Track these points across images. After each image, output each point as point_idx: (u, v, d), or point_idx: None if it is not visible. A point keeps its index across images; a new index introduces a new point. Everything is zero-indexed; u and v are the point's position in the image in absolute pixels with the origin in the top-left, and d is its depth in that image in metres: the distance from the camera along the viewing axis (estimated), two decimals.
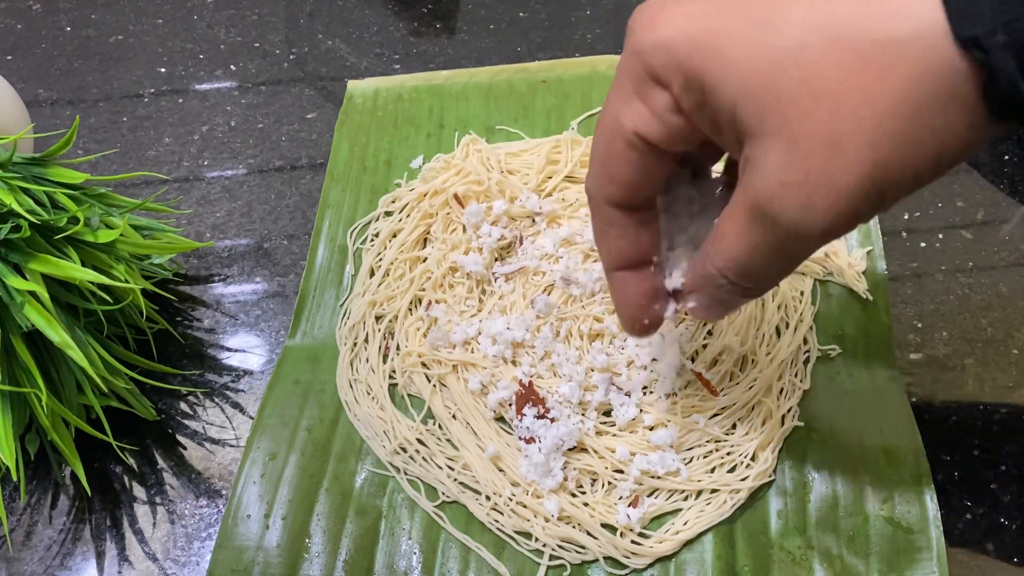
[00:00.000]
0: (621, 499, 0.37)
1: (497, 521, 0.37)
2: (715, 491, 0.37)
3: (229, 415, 0.42)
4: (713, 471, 0.38)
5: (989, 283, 0.44)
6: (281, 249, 0.48)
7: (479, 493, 0.38)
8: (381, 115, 0.53)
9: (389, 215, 0.48)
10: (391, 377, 0.42)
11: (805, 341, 0.41)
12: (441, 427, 0.40)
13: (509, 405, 0.39)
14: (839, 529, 0.36)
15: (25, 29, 0.61)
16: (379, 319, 0.44)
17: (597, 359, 0.40)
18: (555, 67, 0.54)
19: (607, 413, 0.40)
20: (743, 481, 0.37)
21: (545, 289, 0.43)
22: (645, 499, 0.37)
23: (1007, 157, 0.49)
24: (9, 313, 0.35)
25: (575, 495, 0.38)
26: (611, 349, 0.41)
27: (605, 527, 0.36)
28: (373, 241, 0.47)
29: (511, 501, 0.37)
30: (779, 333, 0.41)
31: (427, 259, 0.45)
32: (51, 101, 0.56)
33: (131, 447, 0.41)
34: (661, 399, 0.39)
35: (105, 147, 0.53)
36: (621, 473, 0.38)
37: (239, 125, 0.54)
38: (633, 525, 0.36)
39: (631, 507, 0.37)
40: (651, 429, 0.39)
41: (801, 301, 0.42)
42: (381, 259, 0.45)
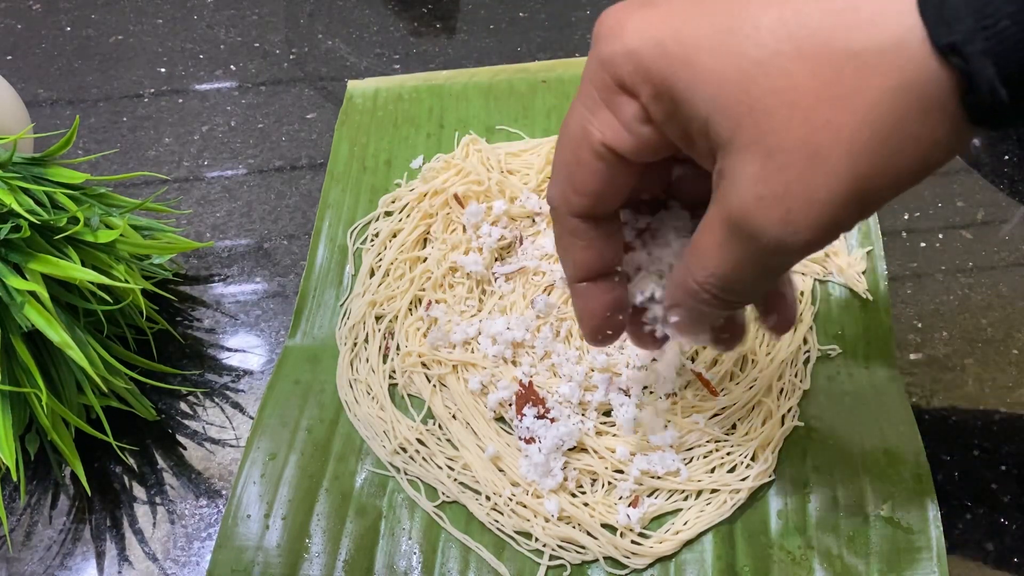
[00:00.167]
0: (621, 499, 0.37)
1: (497, 521, 0.37)
2: (715, 491, 0.37)
3: (229, 415, 0.42)
4: (713, 471, 0.38)
5: (989, 283, 0.44)
6: (281, 249, 0.48)
7: (479, 493, 0.38)
8: (381, 115, 0.53)
9: (389, 215, 0.48)
10: (391, 377, 0.42)
11: (805, 341, 0.41)
12: (441, 427, 0.40)
13: (509, 405, 0.39)
14: (839, 529, 0.36)
15: (25, 29, 0.61)
16: (379, 319, 0.44)
17: (597, 359, 0.40)
18: (555, 67, 0.54)
19: (607, 413, 0.40)
20: (743, 481, 0.37)
21: (545, 289, 0.43)
22: (645, 499, 0.37)
23: (1007, 157, 0.49)
24: (9, 313, 0.35)
25: (575, 495, 0.38)
26: (611, 349, 0.41)
27: (605, 527, 0.36)
28: (373, 241, 0.47)
29: (511, 501, 0.37)
30: None
31: (427, 259, 0.45)
32: (51, 101, 0.56)
33: (131, 447, 0.41)
34: (661, 399, 0.39)
35: (105, 147, 0.53)
36: (621, 473, 0.38)
37: (239, 125, 0.54)
38: (633, 525, 0.36)
39: (631, 507, 0.37)
40: (651, 429, 0.38)
41: (801, 301, 0.42)
42: (381, 259, 0.45)
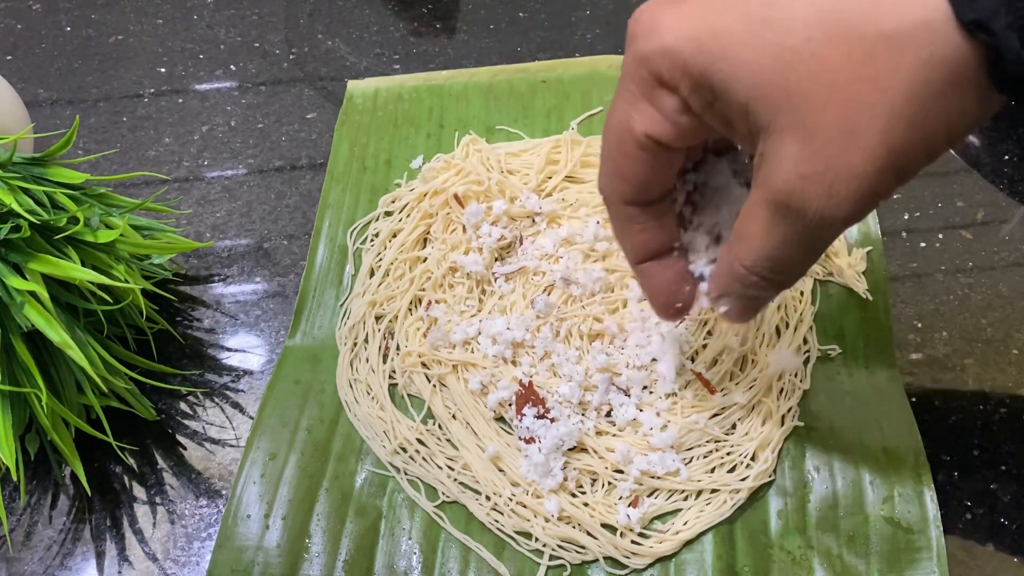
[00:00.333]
0: (621, 499, 0.37)
1: (497, 521, 0.37)
2: (715, 491, 0.37)
3: (229, 415, 0.42)
4: (713, 471, 0.38)
5: (989, 283, 0.44)
6: (281, 249, 0.48)
7: (479, 493, 0.38)
8: (381, 115, 0.53)
9: (389, 215, 0.48)
10: (391, 377, 0.42)
11: (805, 341, 0.41)
12: (441, 427, 0.40)
13: (509, 405, 0.39)
14: (839, 529, 0.36)
15: (25, 29, 0.61)
16: (379, 319, 0.44)
17: (597, 359, 0.40)
18: (555, 67, 0.54)
19: (607, 413, 0.40)
20: (743, 481, 0.37)
21: (545, 289, 0.43)
22: (645, 499, 0.37)
23: (1007, 157, 0.49)
24: (9, 313, 0.35)
25: (575, 495, 0.38)
26: (611, 349, 0.41)
27: (605, 527, 0.36)
28: (373, 241, 0.47)
29: (511, 501, 0.37)
30: (779, 333, 0.41)
31: (427, 259, 0.45)
32: (51, 101, 0.56)
33: (131, 447, 0.41)
34: (661, 399, 0.39)
35: (105, 147, 0.53)
36: (621, 473, 0.38)
37: (239, 125, 0.54)
38: (633, 525, 0.36)
39: (631, 507, 0.37)
40: (651, 429, 0.38)
41: (801, 301, 0.42)
42: (381, 259, 0.45)
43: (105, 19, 0.62)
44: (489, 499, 0.38)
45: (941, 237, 0.46)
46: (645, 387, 0.40)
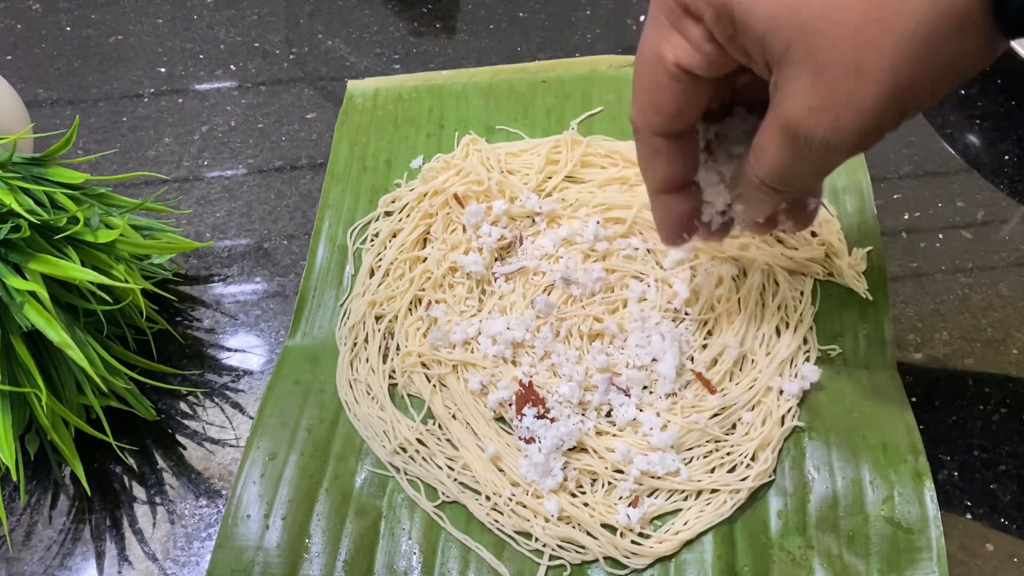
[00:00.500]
0: (621, 499, 0.37)
1: (497, 521, 0.37)
2: (715, 491, 0.37)
3: (229, 415, 0.42)
4: (713, 471, 0.38)
5: (989, 283, 0.44)
6: (281, 249, 0.48)
7: (479, 493, 0.38)
8: (381, 115, 0.53)
9: (389, 215, 0.48)
10: (391, 377, 0.42)
11: (805, 341, 0.41)
12: (441, 427, 0.40)
13: (509, 405, 0.39)
14: (839, 529, 0.36)
15: (25, 29, 0.61)
16: (379, 319, 0.44)
17: (597, 359, 0.40)
18: (555, 67, 0.54)
19: (607, 413, 0.40)
20: (743, 481, 0.37)
21: (545, 289, 0.43)
22: (645, 499, 0.37)
23: (1007, 157, 0.49)
24: (9, 313, 0.35)
25: (575, 495, 0.38)
26: (611, 349, 0.41)
27: (605, 527, 0.36)
28: (373, 241, 0.47)
29: (511, 501, 0.37)
30: (779, 333, 0.41)
31: (427, 259, 0.45)
32: (51, 101, 0.56)
33: (131, 447, 0.41)
34: (661, 399, 0.39)
35: (105, 147, 0.53)
36: (621, 473, 0.38)
37: (239, 125, 0.54)
38: (633, 525, 0.36)
39: (631, 507, 0.37)
40: (651, 429, 0.38)
41: (801, 301, 0.42)
42: (381, 259, 0.45)
43: (105, 19, 0.62)
44: (489, 499, 0.38)
45: (941, 237, 0.46)
46: (645, 387, 0.40)
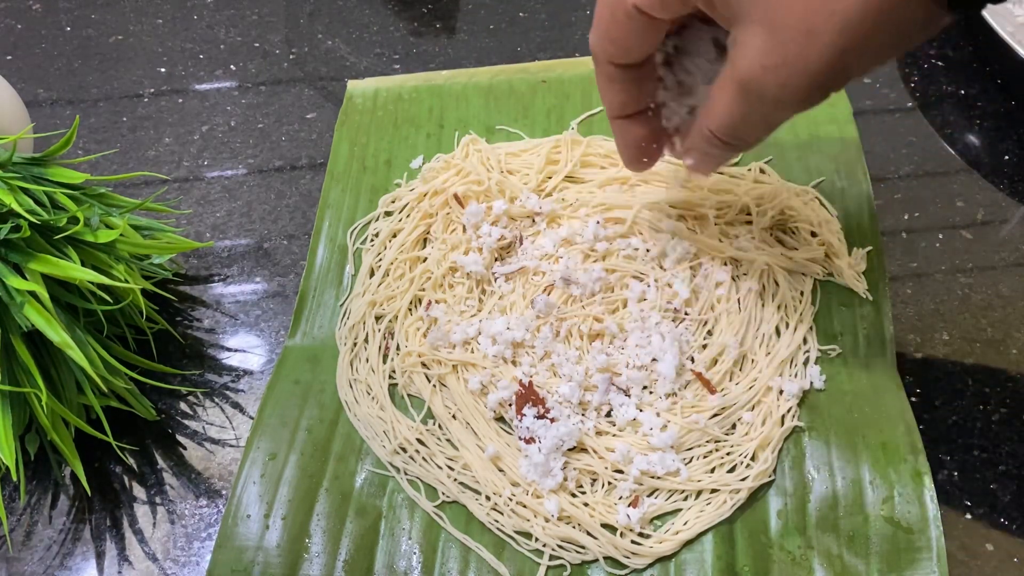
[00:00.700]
0: (621, 499, 0.37)
1: (497, 521, 0.37)
2: (715, 491, 0.37)
3: (229, 415, 0.42)
4: (713, 471, 0.38)
5: (989, 283, 0.44)
6: (281, 249, 0.48)
7: (479, 493, 0.38)
8: (381, 115, 0.53)
9: (389, 215, 0.48)
10: (391, 377, 0.42)
11: (805, 341, 0.41)
12: (441, 427, 0.40)
13: (509, 405, 0.39)
14: (839, 529, 0.36)
15: (25, 29, 0.61)
16: (379, 319, 0.44)
17: (597, 359, 0.40)
18: (555, 67, 0.54)
19: (607, 413, 0.40)
20: (743, 481, 0.37)
21: (545, 289, 0.43)
22: (645, 499, 0.37)
23: (1007, 157, 0.49)
24: (9, 313, 0.35)
25: (575, 495, 0.38)
26: (611, 349, 0.41)
27: (605, 527, 0.36)
28: (373, 241, 0.47)
29: (511, 501, 0.37)
30: (779, 333, 0.41)
31: (427, 259, 0.45)
32: (51, 101, 0.56)
33: (131, 447, 0.41)
34: (661, 399, 0.39)
35: (105, 147, 0.53)
36: (621, 473, 0.38)
37: (239, 125, 0.54)
38: (633, 525, 0.36)
39: (631, 507, 0.37)
40: (651, 429, 0.38)
41: (801, 301, 0.42)
42: (381, 259, 0.45)
43: (105, 19, 0.62)
44: (489, 499, 0.38)
45: (941, 237, 0.46)
46: (645, 387, 0.40)
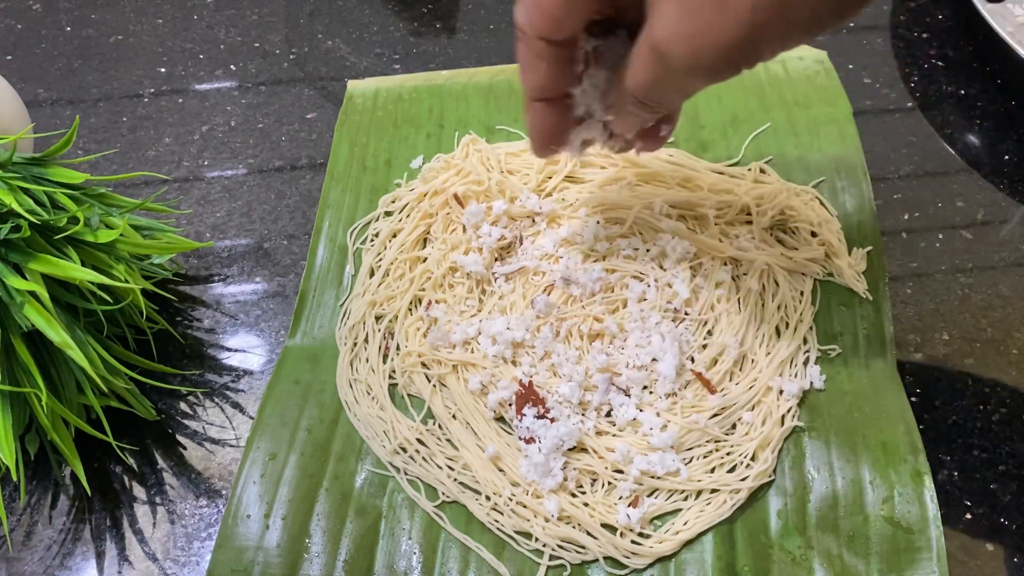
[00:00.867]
0: (621, 499, 0.37)
1: (497, 521, 0.37)
2: (715, 491, 0.37)
3: (229, 415, 0.42)
4: (713, 471, 0.38)
5: (989, 283, 0.44)
6: (281, 249, 0.48)
7: (479, 493, 0.38)
8: (381, 115, 0.53)
9: (389, 215, 0.48)
10: (391, 377, 0.42)
11: (805, 341, 0.41)
12: (441, 427, 0.40)
13: (509, 405, 0.39)
14: (839, 529, 0.36)
15: (25, 29, 0.61)
16: (379, 319, 0.44)
17: (597, 359, 0.40)
18: None
19: (607, 413, 0.40)
20: (743, 481, 0.37)
21: (545, 289, 0.43)
22: (645, 499, 0.37)
23: (1007, 157, 0.49)
24: (9, 313, 0.35)
25: (575, 495, 0.38)
26: (611, 349, 0.41)
27: (605, 527, 0.36)
28: (373, 241, 0.47)
29: (511, 501, 0.37)
30: (779, 333, 0.41)
31: (427, 259, 0.45)
32: (51, 101, 0.56)
33: (131, 447, 0.41)
34: (661, 399, 0.39)
35: (105, 147, 0.53)
36: (621, 473, 0.38)
37: (239, 125, 0.54)
38: (633, 525, 0.36)
39: (631, 507, 0.37)
40: (651, 429, 0.38)
41: (801, 301, 0.42)
42: (381, 259, 0.45)
43: (105, 19, 0.62)
44: (489, 499, 0.38)
45: (941, 237, 0.46)
46: (645, 387, 0.40)
